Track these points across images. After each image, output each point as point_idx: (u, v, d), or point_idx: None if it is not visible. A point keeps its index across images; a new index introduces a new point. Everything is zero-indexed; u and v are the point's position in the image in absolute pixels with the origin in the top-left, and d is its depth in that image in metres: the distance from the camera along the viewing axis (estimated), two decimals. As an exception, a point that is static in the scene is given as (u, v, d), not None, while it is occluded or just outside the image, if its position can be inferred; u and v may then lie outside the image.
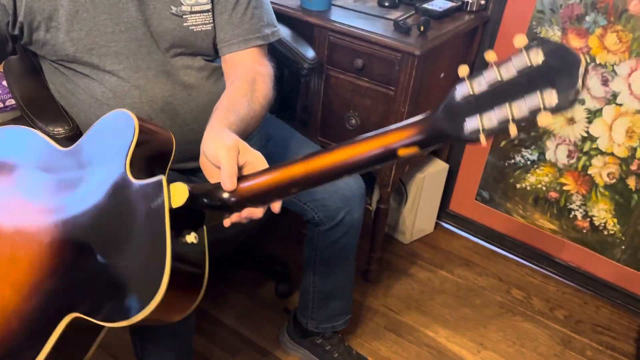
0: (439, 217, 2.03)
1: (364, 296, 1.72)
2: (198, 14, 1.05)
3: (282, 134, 1.34)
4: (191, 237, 0.75)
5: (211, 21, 1.08)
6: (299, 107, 1.58)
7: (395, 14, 1.51)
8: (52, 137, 0.98)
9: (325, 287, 1.36)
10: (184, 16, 1.04)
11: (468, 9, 1.57)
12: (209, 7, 1.06)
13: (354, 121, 1.52)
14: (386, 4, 1.56)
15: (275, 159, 1.26)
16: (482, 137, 0.60)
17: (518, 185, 1.82)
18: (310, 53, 1.40)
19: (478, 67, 1.70)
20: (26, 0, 0.96)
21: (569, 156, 1.67)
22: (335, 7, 1.54)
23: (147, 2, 1.02)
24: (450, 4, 1.53)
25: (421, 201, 1.86)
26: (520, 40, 0.57)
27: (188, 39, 1.06)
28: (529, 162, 1.76)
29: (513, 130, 0.59)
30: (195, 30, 1.06)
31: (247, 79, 1.01)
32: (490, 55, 0.60)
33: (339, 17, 1.47)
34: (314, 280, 1.36)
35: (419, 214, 1.89)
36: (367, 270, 1.77)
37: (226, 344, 1.53)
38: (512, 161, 1.79)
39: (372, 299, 1.71)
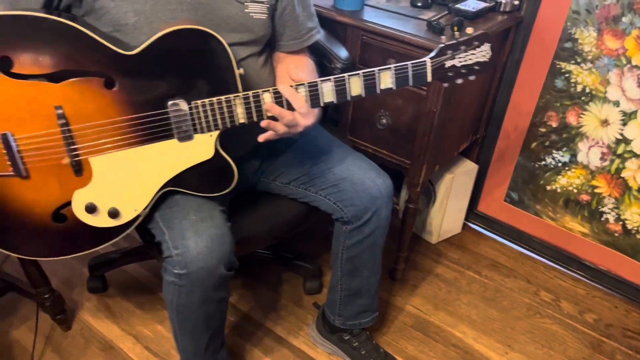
0: (466, 218, 2.02)
1: (391, 295, 1.73)
2: (256, 4, 1.13)
3: (313, 132, 1.35)
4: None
5: (266, 12, 1.15)
6: (330, 107, 1.59)
7: (428, 14, 1.51)
8: None
9: (352, 285, 1.38)
10: (245, 3, 1.12)
11: (501, 9, 1.56)
12: None
13: (384, 121, 1.53)
14: (419, 4, 1.57)
15: (305, 155, 1.30)
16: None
17: (548, 187, 1.80)
18: (343, 53, 1.41)
19: (510, 67, 1.69)
20: None
21: (602, 158, 1.65)
22: (368, 7, 1.55)
23: None
24: (483, 5, 1.53)
25: (449, 201, 1.85)
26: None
27: (247, 24, 1.13)
28: (560, 164, 1.75)
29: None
30: (254, 17, 1.13)
31: (311, 67, 1.26)
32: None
33: (372, 17, 1.48)
34: (341, 278, 1.38)
35: (446, 214, 1.89)
36: (394, 269, 1.77)
37: (254, 338, 1.56)
38: (543, 163, 1.78)
39: (399, 298, 1.72)
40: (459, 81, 1.10)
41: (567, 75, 1.62)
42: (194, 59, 1.00)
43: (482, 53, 1.08)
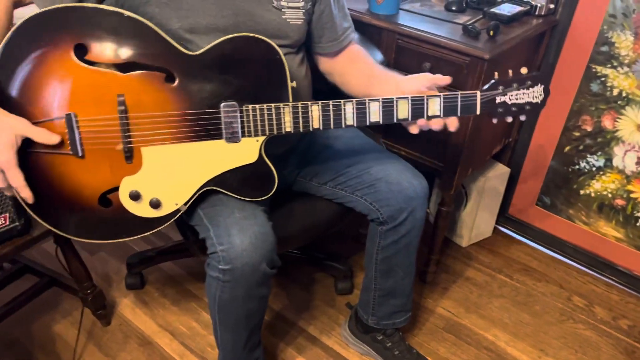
0: (497, 222, 2.02)
1: (422, 297, 1.74)
2: (293, 10, 1.17)
3: (348, 134, 1.38)
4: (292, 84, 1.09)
5: (302, 17, 1.19)
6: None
7: (463, 19, 1.53)
8: None
9: (386, 285, 1.39)
10: (282, 9, 1.15)
11: (536, 13, 1.56)
12: (301, 4, 1.18)
13: (418, 123, 1.54)
14: (453, 8, 1.58)
15: (341, 157, 1.32)
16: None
17: (582, 192, 1.79)
18: (378, 56, 1.43)
19: (543, 70, 1.69)
20: None
21: (638, 163, 1.64)
22: (403, 11, 1.57)
23: None
24: (518, 9, 1.53)
25: (481, 205, 1.86)
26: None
27: (284, 29, 1.16)
28: (594, 168, 1.74)
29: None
30: (291, 22, 1.17)
31: (367, 55, 1.30)
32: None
33: (407, 21, 1.50)
34: (376, 278, 1.39)
35: (478, 217, 1.89)
36: (425, 271, 1.78)
37: (288, 337, 1.58)
38: (577, 167, 1.77)
39: (430, 301, 1.73)
40: (509, 119, 1.11)
41: (602, 79, 1.61)
42: (251, 66, 1.06)
43: (535, 94, 1.09)
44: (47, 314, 1.60)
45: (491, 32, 1.39)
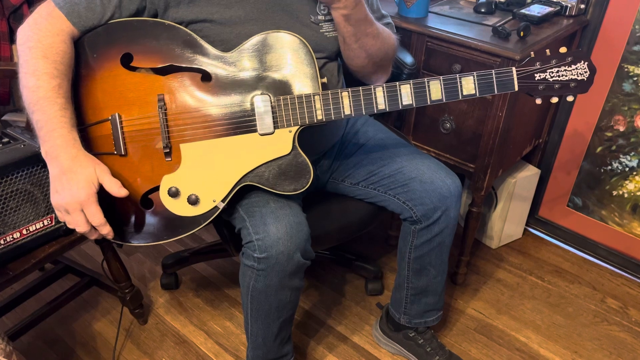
0: (527, 223, 2.01)
1: (452, 298, 1.74)
2: (329, 23, 1.19)
3: (379, 135, 1.40)
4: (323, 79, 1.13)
5: None
6: (393, 112, 1.63)
7: (492, 20, 1.54)
8: None
9: (419, 284, 1.40)
10: (320, 24, 1.19)
11: (567, 13, 1.57)
12: None
13: (448, 125, 1.56)
14: (482, 10, 1.59)
15: (373, 157, 1.34)
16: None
17: (614, 192, 1.77)
18: (409, 59, 1.45)
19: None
20: None
21: (673, 163, 1.62)
22: (432, 14, 1.59)
23: (293, 12, 1.16)
24: (548, 9, 1.54)
25: (511, 206, 1.85)
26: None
27: (322, 43, 1.19)
28: (627, 169, 1.72)
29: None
30: (328, 36, 1.20)
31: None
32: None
33: (436, 24, 1.52)
34: (408, 277, 1.40)
35: (508, 219, 1.88)
36: (455, 273, 1.78)
37: (318, 336, 1.60)
38: (609, 167, 1.76)
39: (461, 302, 1.73)
40: (554, 99, 1.11)
41: (635, 78, 1.60)
42: (283, 62, 1.10)
43: (579, 70, 1.07)
44: (87, 313, 1.66)
45: (521, 33, 1.40)
